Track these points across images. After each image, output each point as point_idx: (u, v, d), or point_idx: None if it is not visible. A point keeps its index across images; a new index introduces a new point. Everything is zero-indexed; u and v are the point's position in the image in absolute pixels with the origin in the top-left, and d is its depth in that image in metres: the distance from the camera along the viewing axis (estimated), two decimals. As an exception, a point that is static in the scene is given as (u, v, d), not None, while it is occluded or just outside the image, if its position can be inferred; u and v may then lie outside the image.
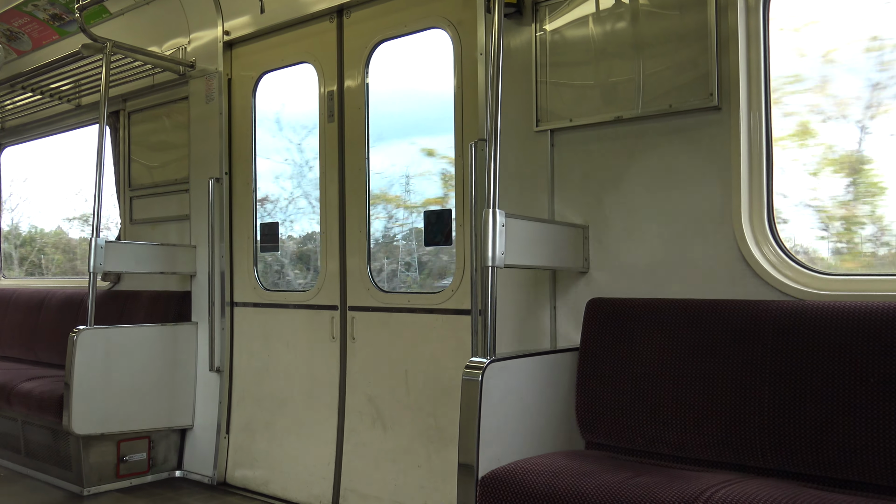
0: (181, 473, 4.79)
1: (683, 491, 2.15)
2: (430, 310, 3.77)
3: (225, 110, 4.73)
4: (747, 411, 2.50)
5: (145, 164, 5.33)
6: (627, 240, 3.05)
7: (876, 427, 2.26)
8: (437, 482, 3.66)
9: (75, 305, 5.51)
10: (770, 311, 2.55)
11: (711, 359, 2.62)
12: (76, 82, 5.43)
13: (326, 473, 4.13)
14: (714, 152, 2.84)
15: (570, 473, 2.37)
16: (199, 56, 4.82)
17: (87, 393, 4.31)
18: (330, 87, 4.26)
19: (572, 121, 3.18)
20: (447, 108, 3.73)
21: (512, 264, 2.69)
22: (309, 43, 4.38)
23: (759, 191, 2.78)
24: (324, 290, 4.25)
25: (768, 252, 2.75)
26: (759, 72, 2.79)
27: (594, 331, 2.96)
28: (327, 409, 4.18)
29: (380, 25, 4.04)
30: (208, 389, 4.71)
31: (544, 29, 3.28)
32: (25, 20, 5.75)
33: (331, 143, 4.24)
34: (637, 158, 3.04)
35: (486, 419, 2.49)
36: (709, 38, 2.82)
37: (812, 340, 2.42)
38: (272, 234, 4.67)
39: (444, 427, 3.65)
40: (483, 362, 2.51)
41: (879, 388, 2.28)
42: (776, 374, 2.47)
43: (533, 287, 3.30)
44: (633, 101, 3.02)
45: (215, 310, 4.67)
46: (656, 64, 2.96)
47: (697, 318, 2.70)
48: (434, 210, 3.87)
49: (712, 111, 2.84)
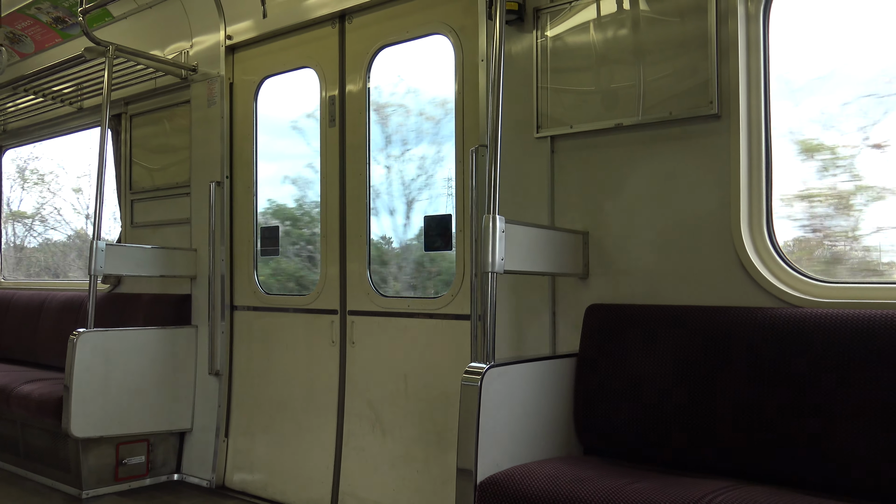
0: (180, 477, 4.79)
1: (681, 497, 2.16)
2: (429, 315, 3.77)
3: (226, 114, 4.74)
4: (746, 418, 2.50)
5: (146, 168, 5.34)
6: (627, 246, 3.06)
7: (877, 435, 2.27)
8: (435, 487, 3.66)
9: (75, 308, 5.51)
10: (769, 319, 2.56)
11: (710, 364, 2.62)
12: (78, 85, 5.44)
13: (325, 477, 4.13)
14: (714, 160, 2.85)
15: (569, 479, 2.37)
16: (202, 60, 4.84)
17: (87, 396, 4.31)
18: (331, 92, 4.27)
19: (573, 127, 3.19)
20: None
21: (512, 270, 2.70)
22: (311, 48, 4.39)
23: (758, 198, 2.79)
24: (324, 295, 4.26)
25: (767, 259, 2.75)
26: (759, 79, 2.81)
27: (593, 337, 2.96)
28: (326, 414, 4.18)
29: (381, 31, 4.05)
30: (208, 393, 4.71)
31: (545, 35, 3.29)
32: (28, 23, 5.77)
33: (332, 148, 4.25)
34: (637, 165, 3.04)
35: (484, 424, 2.49)
36: (709, 46, 2.84)
37: (811, 348, 2.43)
38: (272, 237, 4.68)
39: (443, 432, 3.65)
40: (482, 368, 2.51)
41: (877, 395, 2.28)
42: (775, 380, 2.47)
43: (532, 293, 3.30)
44: (633, 107, 3.03)
45: (215, 313, 4.67)
46: (657, 71, 2.97)
47: (696, 325, 2.70)
48: (434, 215, 3.88)
49: (712, 119, 2.85)
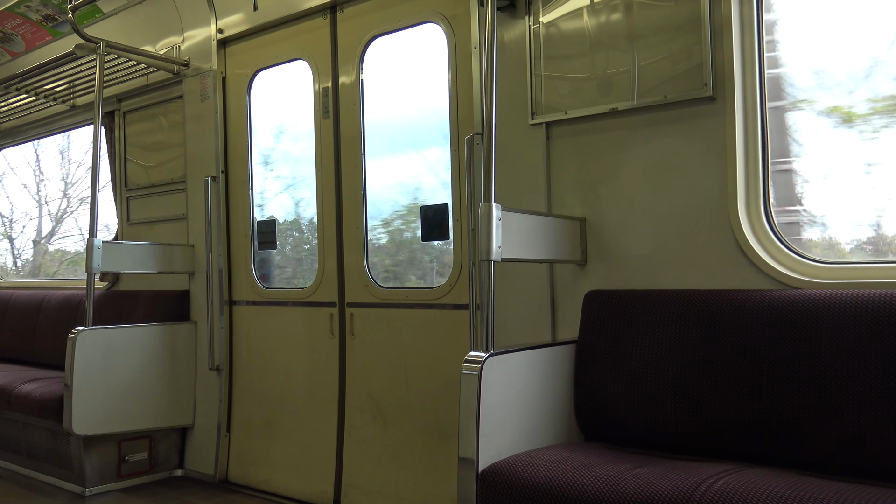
0: (182, 472, 4.79)
1: (683, 481, 2.16)
2: (428, 305, 3.77)
3: (220, 108, 4.72)
4: (746, 401, 2.50)
5: (141, 164, 5.32)
6: (624, 231, 3.05)
7: (874, 413, 2.27)
8: (437, 477, 3.67)
9: (74, 306, 5.50)
10: (767, 301, 2.55)
11: (709, 348, 2.62)
12: (70, 83, 5.41)
13: (327, 470, 4.14)
14: (710, 142, 2.84)
15: (570, 466, 2.37)
16: (193, 55, 4.81)
17: (88, 393, 4.31)
18: (325, 84, 4.25)
19: (567, 113, 3.18)
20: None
21: (509, 258, 2.69)
22: (303, 39, 4.37)
23: (755, 180, 2.78)
24: (322, 287, 4.25)
25: (765, 241, 2.75)
26: (753, 61, 2.79)
27: (592, 323, 2.96)
28: (327, 406, 4.18)
29: (373, 21, 4.03)
30: (208, 388, 4.71)
31: (538, 22, 3.27)
32: (18, 21, 5.74)
33: (326, 140, 4.24)
34: (633, 150, 3.03)
35: (485, 413, 2.49)
36: (703, 28, 2.82)
37: (809, 329, 2.43)
38: (269, 231, 4.67)
39: (444, 422, 3.65)
40: (482, 356, 2.51)
41: (877, 375, 2.28)
42: (774, 363, 2.47)
43: (530, 280, 3.30)
44: (628, 92, 3.01)
45: (214, 308, 4.66)
46: (651, 55, 2.96)
47: (695, 309, 2.70)
48: (431, 205, 3.87)
49: (707, 101, 2.83)
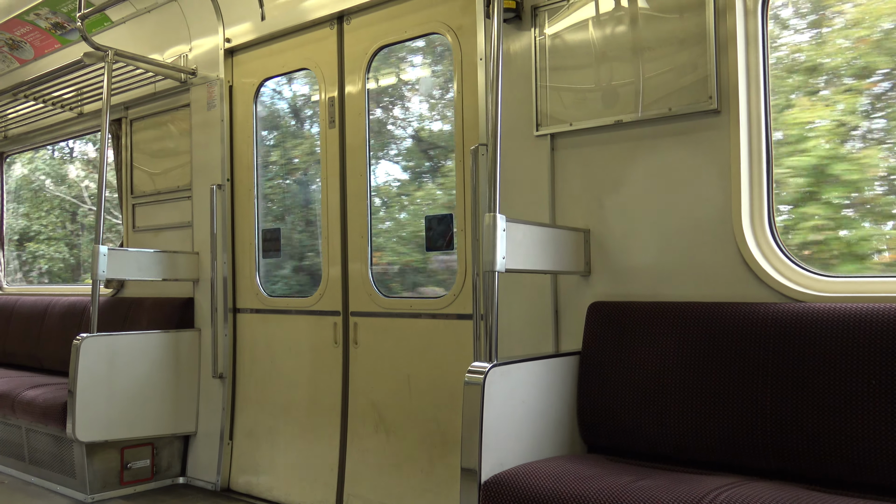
0: (185, 480, 4.79)
1: (686, 494, 2.15)
2: (432, 315, 3.77)
3: (226, 117, 4.75)
4: (750, 414, 2.50)
5: (147, 172, 5.35)
6: (628, 243, 3.05)
7: (879, 429, 2.26)
8: (440, 487, 3.66)
9: (78, 313, 5.52)
10: (771, 314, 2.55)
11: (713, 361, 2.62)
12: (78, 90, 5.44)
13: (330, 479, 4.13)
14: (714, 155, 2.84)
15: (573, 477, 2.37)
16: (201, 63, 4.84)
17: (91, 400, 4.32)
18: (331, 94, 4.27)
19: (572, 125, 3.19)
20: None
21: (513, 269, 2.69)
22: (309, 49, 4.39)
23: (759, 193, 2.78)
24: (326, 296, 4.26)
25: (769, 254, 2.75)
26: (758, 74, 2.80)
27: (596, 334, 2.96)
28: (330, 415, 4.18)
29: (380, 31, 4.05)
30: (211, 396, 4.71)
31: (544, 33, 3.29)
32: (27, 29, 5.78)
33: (332, 149, 4.25)
34: (637, 162, 3.04)
35: (488, 424, 2.49)
36: (708, 41, 2.83)
37: (814, 343, 2.42)
38: (274, 239, 4.68)
39: (447, 432, 3.64)
40: (485, 367, 2.51)
41: (882, 389, 2.28)
42: (778, 376, 2.46)
43: (534, 291, 3.30)
44: (632, 104, 3.02)
45: (218, 316, 4.67)
46: (656, 67, 2.97)
47: (699, 321, 2.70)
48: (435, 215, 3.88)
49: (712, 114, 2.84)
